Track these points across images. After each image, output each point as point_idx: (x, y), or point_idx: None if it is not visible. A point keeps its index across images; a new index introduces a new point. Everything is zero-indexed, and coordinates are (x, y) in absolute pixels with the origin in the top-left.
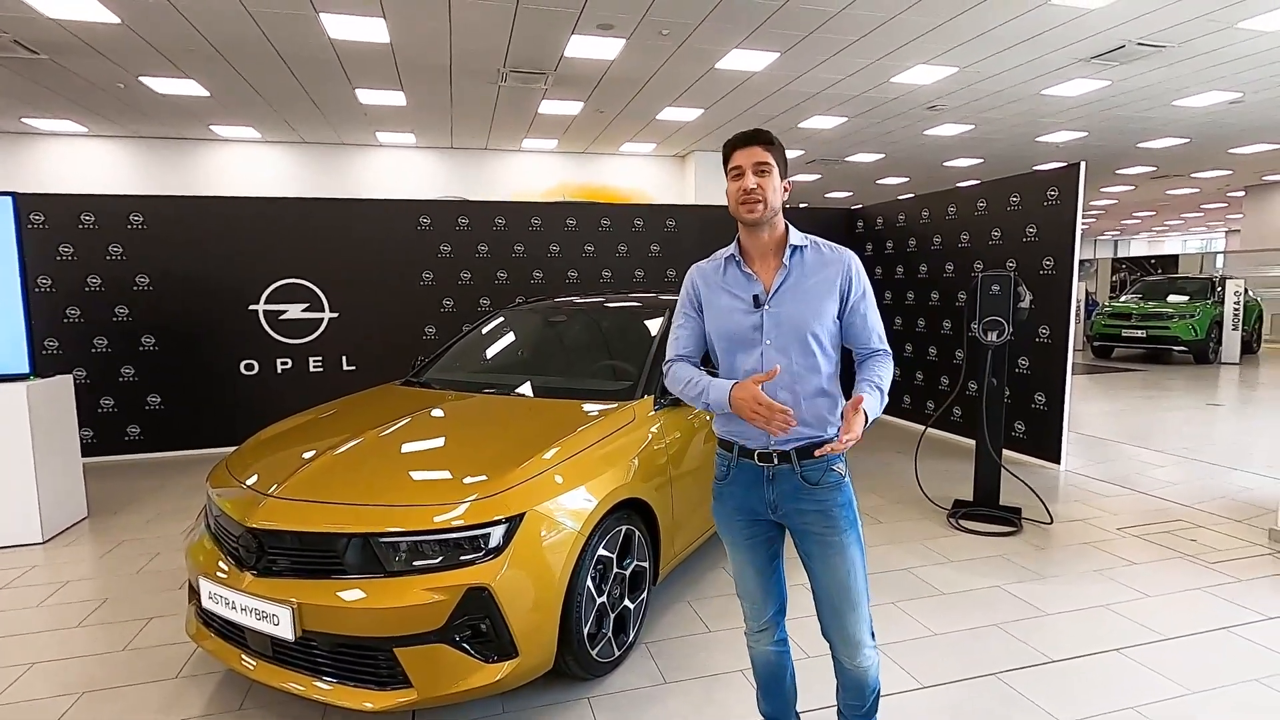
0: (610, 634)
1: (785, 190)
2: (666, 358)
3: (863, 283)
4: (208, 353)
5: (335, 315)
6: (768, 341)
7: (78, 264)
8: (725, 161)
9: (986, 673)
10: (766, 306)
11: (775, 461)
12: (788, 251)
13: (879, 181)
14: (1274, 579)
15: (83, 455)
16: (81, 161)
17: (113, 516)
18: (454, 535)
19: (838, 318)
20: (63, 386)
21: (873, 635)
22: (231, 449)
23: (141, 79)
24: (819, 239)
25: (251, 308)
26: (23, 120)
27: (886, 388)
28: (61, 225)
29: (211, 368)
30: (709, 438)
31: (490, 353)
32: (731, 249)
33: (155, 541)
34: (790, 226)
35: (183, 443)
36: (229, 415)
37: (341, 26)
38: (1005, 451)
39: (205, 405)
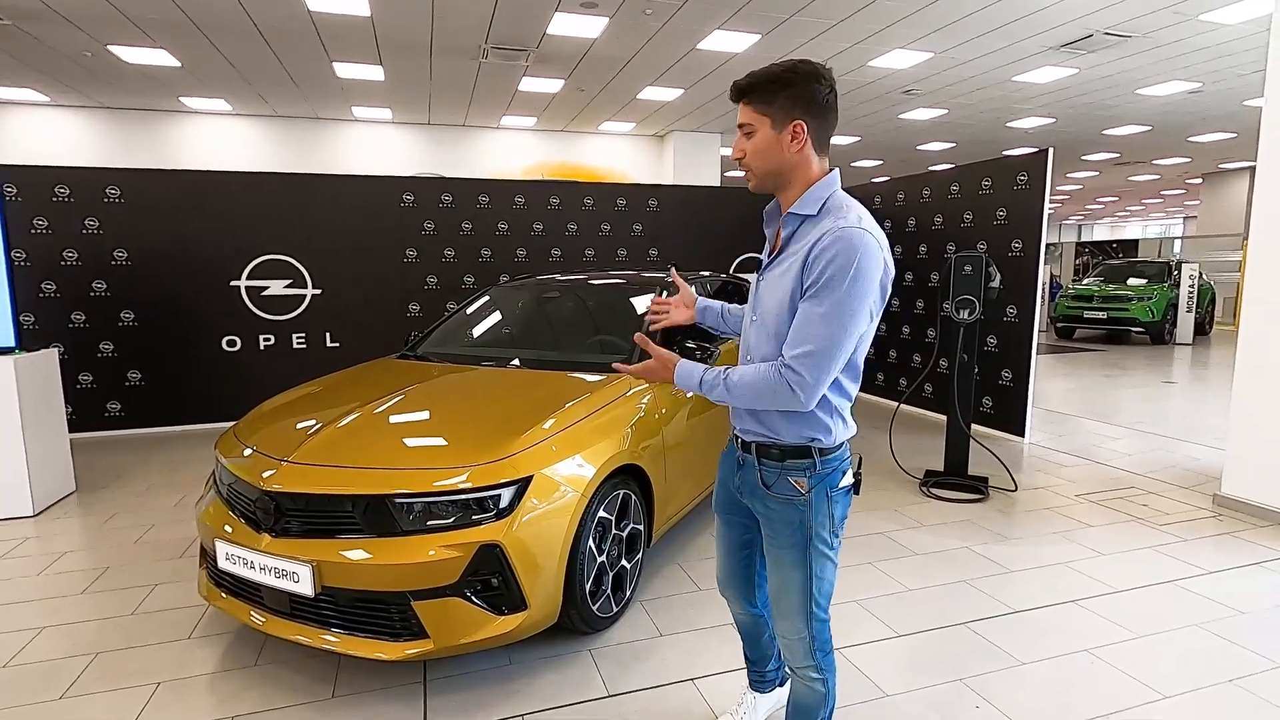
0: (609, 591)
1: (794, 137)
2: None
3: (825, 271)
4: (189, 329)
5: (319, 292)
6: (754, 317)
7: (53, 237)
8: None
9: (956, 622)
10: (761, 278)
11: (741, 449)
12: (786, 220)
13: (854, 164)
14: (1216, 538)
15: None
16: (42, 131)
17: (101, 490)
18: (467, 496)
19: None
20: (49, 360)
21: (819, 666)
22: (215, 425)
23: (110, 48)
24: (843, 207)
25: (233, 283)
26: None
27: (739, 390)
28: (35, 198)
29: (193, 344)
30: (694, 411)
31: (486, 327)
32: (774, 203)
33: (149, 514)
34: (820, 185)
35: (164, 419)
36: (211, 391)
37: None
38: (974, 425)
39: (187, 381)
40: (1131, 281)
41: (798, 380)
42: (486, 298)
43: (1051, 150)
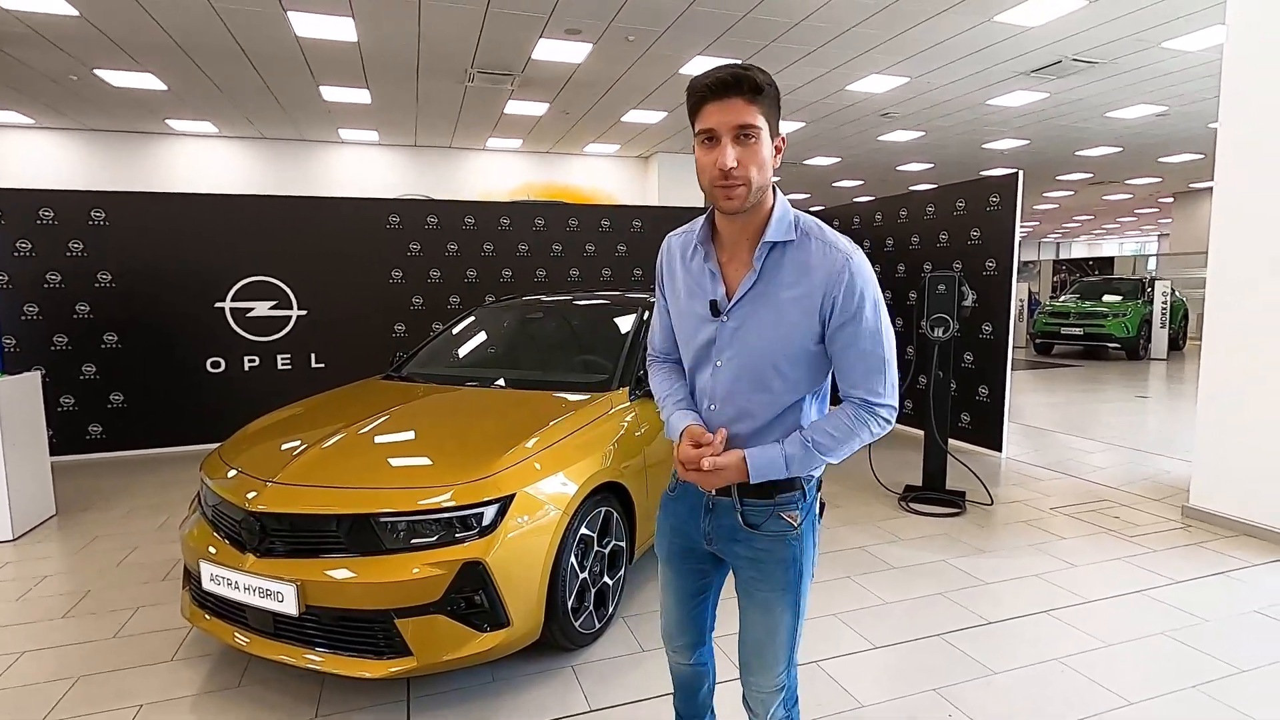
0: (592, 608)
1: (777, 153)
2: (649, 350)
3: (857, 300)
4: (173, 350)
5: (304, 313)
6: (718, 363)
7: (36, 260)
8: (691, 114)
9: (931, 634)
10: (725, 318)
11: (714, 491)
12: (760, 249)
13: (835, 184)
14: (1184, 549)
15: None
16: (25, 154)
17: (82, 513)
18: (450, 514)
19: (820, 342)
20: (31, 384)
21: (790, 718)
22: (198, 447)
23: (96, 71)
24: (816, 227)
25: (218, 305)
26: None
27: (835, 449)
28: (18, 221)
29: (177, 366)
30: None
31: (471, 348)
32: (704, 226)
33: (131, 536)
34: (779, 206)
35: (147, 441)
36: (195, 413)
37: (309, 24)
38: (951, 440)
39: (170, 403)
40: (1107, 298)
41: (887, 410)
42: (471, 318)
43: (1022, 173)
